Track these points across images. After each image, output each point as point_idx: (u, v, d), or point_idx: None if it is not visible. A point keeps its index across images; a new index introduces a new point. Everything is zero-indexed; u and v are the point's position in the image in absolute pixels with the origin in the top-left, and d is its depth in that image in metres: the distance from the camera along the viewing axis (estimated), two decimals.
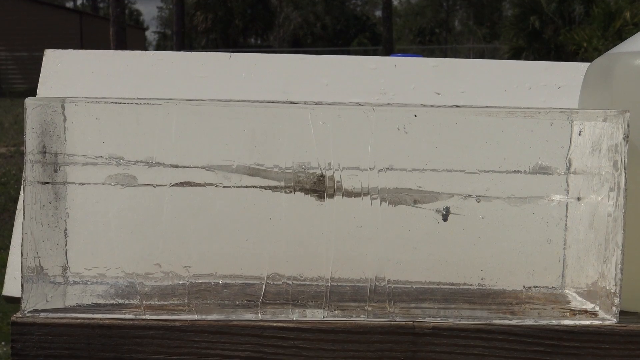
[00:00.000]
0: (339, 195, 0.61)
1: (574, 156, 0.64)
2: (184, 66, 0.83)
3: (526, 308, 0.62)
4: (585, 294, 0.64)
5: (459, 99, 0.80)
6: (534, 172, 0.63)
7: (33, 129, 0.59)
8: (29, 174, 0.59)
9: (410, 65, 0.83)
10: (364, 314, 0.60)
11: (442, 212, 0.63)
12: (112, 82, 0.83)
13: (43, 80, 0.83)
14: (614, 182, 0.59)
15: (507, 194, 0.63)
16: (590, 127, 0.62)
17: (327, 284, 0.61)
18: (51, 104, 0.60)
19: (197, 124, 0.62)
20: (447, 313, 0.61)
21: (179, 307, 0.60)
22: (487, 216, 0.63)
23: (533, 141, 0.63)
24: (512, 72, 0.82)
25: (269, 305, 0.60)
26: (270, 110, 0.62)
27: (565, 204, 0.64)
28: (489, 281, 0.65)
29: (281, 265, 0.62)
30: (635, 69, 0.62)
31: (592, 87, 0.67)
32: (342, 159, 0.61)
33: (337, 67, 0.83)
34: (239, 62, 0.83)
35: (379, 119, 0.60)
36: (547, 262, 0.65)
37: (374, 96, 0.81)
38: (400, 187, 0.62)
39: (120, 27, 11.97)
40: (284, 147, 0.62)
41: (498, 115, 0.63)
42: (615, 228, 0.59)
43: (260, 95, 0.81)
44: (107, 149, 0.61)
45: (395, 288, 0.62)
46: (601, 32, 9.98)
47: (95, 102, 0.61)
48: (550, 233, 0.65)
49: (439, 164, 0.63)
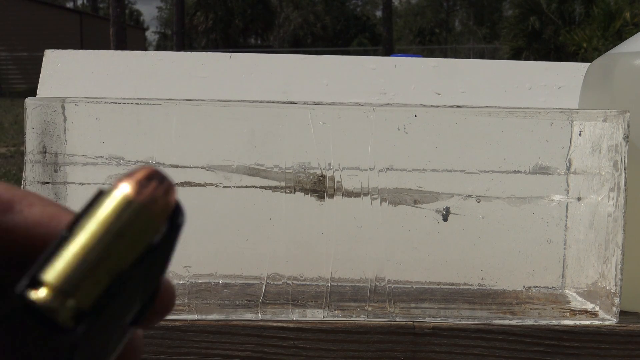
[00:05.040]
0: (339, 195, 0.61)
1: (574, 156, 0.64)
2: (184, 66, 0.83)
3: (526, 308, 0.62)
4: (585, 294, 0.64)
5: (459, 99, 0.80)
6: (534, 172, 0.63)
7: (33, 129, 0.59)
8: (29, 174, 0.59)
9: (410, 65, 0.83)
10: (364, 314, 0.60)
11: (442, 212, 0.63)
12: (112, 82, 0.83)
13: (43, 80, 0.83)
14: (614, 182, 0.59)
15: (507, 194, 0.63)
16: (591, 127, 0.62)
17: (327, 284, 0.61)
18: (51, 104, 0.60)
19: (197, 124, 0.62)
20: (447, 313, 0.61)
21: (178, 307, 0.60)
22: (487, 216, 0.63)
23: (533, 141, 0.63)
24: (512, 72, 0.82)
25: (269, 305, 0.60)
26: (270, 110, 0.62)
27: (566, 204, 0.64)
28: (489, 281, 0.65)
29: (281, 265, 0.62)
30: (635, 69, 0.62)
31: (592, 87, 0.67)
32: (342, 159, 0.61)
33: (337, 67, 0.83)
34: (239, 62, 0.83)
35: (379, 119, 0.60)
36: (547, 262, 0.65)
37: (374, 96, 0.81)
38: (400, 187, 0.62)
39: (120, 27, 11.97)
40: (284, 147, 0.62)
41: (498, 115, 0.63)
42: (616, 228, 0.59)
43: (260, 95, 0.81)
44: (107, 149, 0.61)
45: (395, 288, 0.62)
46: (601, 32, 9.99)
47: (95, 102, 0.61)
48: (551, 233, 0.65)
49: (439, 164, 0.63)
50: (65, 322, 0.18)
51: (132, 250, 0.19)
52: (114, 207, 0.19)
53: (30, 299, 0.18)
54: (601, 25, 10.06)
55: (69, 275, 0.18)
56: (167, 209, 0.19)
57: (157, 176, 0.19)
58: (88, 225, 0.18)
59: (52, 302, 0.18)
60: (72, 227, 0.19)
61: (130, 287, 0.19)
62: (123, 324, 0.20)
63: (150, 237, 0.19)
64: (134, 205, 0.19)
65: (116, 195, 0.19)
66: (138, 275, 0.19)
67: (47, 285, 0.18)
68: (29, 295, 0.18)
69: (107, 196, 0.19)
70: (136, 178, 0.19)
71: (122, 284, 0.18)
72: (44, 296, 0.18)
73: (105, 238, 0.18)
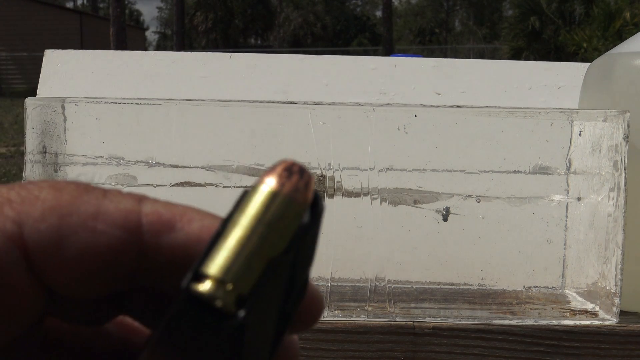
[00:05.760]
0: (339, 195, 0.61)
1: (574, 156, 0.64)
2: (184, 66, 0.83)
3: (526, 308, 0.62)
4: (586, 294, 0.64)
5: (459, 99, 0.80)
6: (534, 172, 0.63)
7: (33, 129, 0.59)
8: (29, 174, 0.59)
9: (410, 65, 0.83)
10: (364, 314, 0.60)
11: (442, 212, 0.63)
12: (112, 82, 0.83)
13: (43, 80, 0.83)
14: (614, 182, 0.59)
15: (507, 194, 0.63)
16: (591, 127, 0.62)
17: (327, 284, 0.61)
18: (51, 104, 0.60)
19: (197, 124, 0.62)
20: (447, 313, 0.61)
21: None
22: (487, 216, 0.63)
23: (533, 141, 0.63)
24: (512, 72, 0.82)
25: None
26: (270, 110, 0.62)
27: (566, 204, 0.64)
28: (489, 281, 0.65)
29: None
30: (635, 69, 0.62)
31: (592, 87, 0.67)
32: (342, 159, 0.61)
33: (337, 67, 0.83)
34: (239, 62, 0.83)
35: (379, 119, 0.60)
36: (547, 262, 0.65)
37: (374, 96, 0.81)
38: (400, 187, 0.62)
39: (120, 27, 11.97)
40: (284, 147, 0.62)
41: (498, 115, 0.63)
42: (616, 228, 0.59)
43: (260, 95, 0.81)
44: (107, 149, 0.61)
45: (395, 288, 0.62)
46: (601, 32, 9.99)
47: (95, 102, 0.61)
48: (551, 233, 0.65)
49: (439, 164, 0.63)
50: (228, 307, 0.19)
51: (281, 238, 0.20)
52: (262, 201, 0.20)
53: (195, 291, 0.19)
54: (601, 25, 10.06)
55: (227, 265, 0.19)
56: (308, 199, 0.21)
57: (298, 169, 0.21)
58: (239, 220, 0.20)
59: (214, 291, 0.19)
60: (225, 224, 0.20)
61: (283, 272, 0.20)
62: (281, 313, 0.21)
63: (296, 225, 0.21)
64: (279, 197, 0.20)
65: (262, 189, 0.20)
66: (289, 260, 0.20)
67: (208, 277, 0.19)
68: (194, 288, 0.19)
69: (254, 192, 0.21)
70: (278, 172, 0.21)
71: (275, 269, 0.20)
72: (206, 286, 0.19)
73: (256, 228, 0.20)
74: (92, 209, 0.21)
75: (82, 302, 0.23)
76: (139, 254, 0.21)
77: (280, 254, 0.20)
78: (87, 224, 0.21)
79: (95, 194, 0.22)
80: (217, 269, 0.19)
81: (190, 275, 0.19)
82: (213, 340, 0.19)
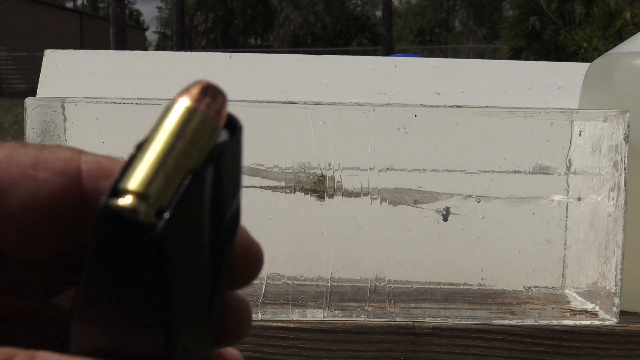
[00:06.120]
0: (339, 195, 0.61)
1: (574, 156, 0.64)
2: (184, 66, 0.83)
3: (526, 308, 0.62)
4: (586, 294, 0.64)
5: (459, 99, 0.80)
6: (534, 172, 0.63)
7: (33, 129, 0.59)
8: None
9: (410, 65, 0.83)
10: (364, 314, 0.60)
11: (442, 212, 0.63)
12: (112, 82, 0.83)
13: (43, 80, 0.83)
14: (614, 182, 0.59)
15: (507, 194, 0.63)
16: (591, 127, 0.62)
17: (327, 284, 0.61)
18: (51, 104, 0.60)
19: None
20: (447, 313, 0.61)
21: None
22: (487, 216, 0.63)
23: (533, 141, 0.63)
24: (512, 72, 0.82)
25: (269, 305, 0.60)
26: (270, 110, 0.62)
27: (566, 204, 0.64)
28: (489, 281, 0.65)
29: (281, 265, 0.62)
30: (635, 69, 0.62)
31: (592, 87, 0.67)
32: (342, 159, 0.61)
33: (337, 67, 0.83)
34: (239, 62, 0.83)
35: (379, 119, 0.60)
36: (547, 262, 0.65)
37: (374, 96, 0.81)
38: (400, 187, 0.62)
39: (120, 27, 11.97)
40: (284, 147, 0.62)
41: (498, 115, 0.63)
42: (616, 228, 0.59)
43: (260, 95, 0.81)
44: (107, 149, 0.61)
45: (395, 288, 0.62)
46: (601, 32, 9.99)
47: (95, 102, 0.61)
48: (551, 233, 0.65)
49: (439, 164, 0.63)
50: (149, 218, 0.19)
51: (199, 152, 0.20)
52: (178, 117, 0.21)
53: (115, 206, 0.19)
54: (601, 25, 10.05)
55: (146, 179, 0.19)
56: (223, 115, 0.21)
57: (212, 89, 0.21)
58: (156, 137, 0.20)
59: (135, 205, 0.19)
60: (142, 143, 0.21)
61: (204, 187, 0.20)
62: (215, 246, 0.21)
63: (213, 139, 0.21)
64: (195, 114, 0.21)
65: (177, 108, 0.21)
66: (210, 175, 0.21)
67: (128, 191, 0.19)
68: (112, 203, 0.19)
69: (168, 111, 0.21)
70: (193, 91, 0.21)
71: (195, 181, 0.20)
72: (127, 201, 0.19)
73: (173, 143, 0.20)
74: (30, 160, 0.21)
75: (28, 270, 0.22)
76: (80, 201, 0.21)
77: (200, 167, 0.20)
78: (28, 173, 0.21)
79: (33, 146, 0.22)
80: (136, 183, 0.19)
81: (109, 191, 0.19)
82: (136, 255, 0.19)
